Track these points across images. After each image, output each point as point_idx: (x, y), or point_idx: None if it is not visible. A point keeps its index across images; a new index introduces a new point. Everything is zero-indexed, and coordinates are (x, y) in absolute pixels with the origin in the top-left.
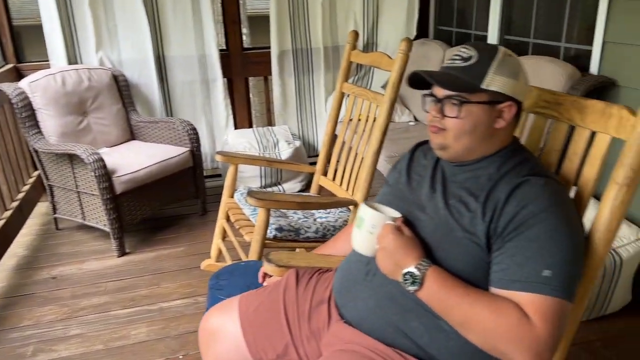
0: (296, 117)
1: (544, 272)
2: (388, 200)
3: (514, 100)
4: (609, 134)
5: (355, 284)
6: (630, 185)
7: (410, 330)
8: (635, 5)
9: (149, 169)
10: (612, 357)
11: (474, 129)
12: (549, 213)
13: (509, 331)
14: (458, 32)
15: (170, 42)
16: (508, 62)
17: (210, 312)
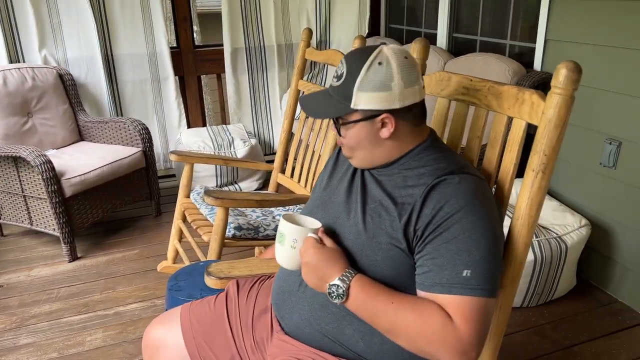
0: (251, 115)
1: (463, 272)
2: (314, 206)
3: (389, 112)
4: (524, 119)
5: (291, 295)
6: (544, 171)
7: (345, 338)
8: (573, 6)
9: (100, 170)
10: (561, 338)
11: (360, 144)
12: (464, 212)
13: (433, 334)
14: (409, 30)
15: (118, 40)
16: (375, 74)
17: (152, 324)
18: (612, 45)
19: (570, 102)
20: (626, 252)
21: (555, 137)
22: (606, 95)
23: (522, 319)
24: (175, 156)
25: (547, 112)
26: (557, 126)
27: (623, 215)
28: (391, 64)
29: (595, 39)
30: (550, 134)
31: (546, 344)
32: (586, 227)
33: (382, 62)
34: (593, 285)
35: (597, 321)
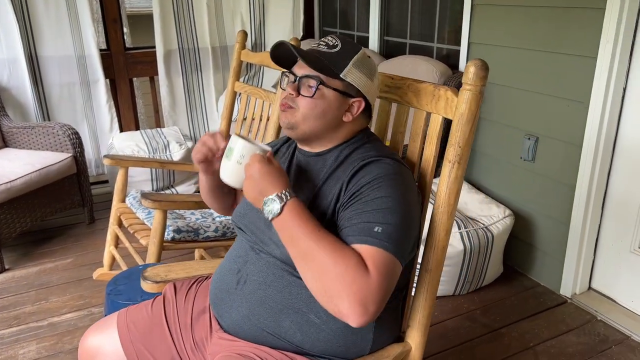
0: (186, 118)
1: (375, 227)
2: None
3: (364, 98)
4: (440, 114)
5: (229, 294)
6: (460, 162)
7: (283, 331)
8: (492, 12)
9: (27, 177)
10: (490, 322)
11: (323, 114)
12: (383, 181)
13: (343, 272)
14: (342, 33)
15: (44, 41)
16: (366, 62)
17: (87, 332)
18: (529, 48)
19: (480, 97)
20: (545, 239)
21: (467, 130)
22: (525, 94)
23: (454, 306)
24: (109, 160)
25: (460, 107)
26: (469, 120)
27: (542, 205)
28: (374, 63)
29: (513, 42)
30: (463, 127)
31: (477, 328)
32: (510, 217)
33: (369, 57)
34: (518, 271)
35: (522, 304)
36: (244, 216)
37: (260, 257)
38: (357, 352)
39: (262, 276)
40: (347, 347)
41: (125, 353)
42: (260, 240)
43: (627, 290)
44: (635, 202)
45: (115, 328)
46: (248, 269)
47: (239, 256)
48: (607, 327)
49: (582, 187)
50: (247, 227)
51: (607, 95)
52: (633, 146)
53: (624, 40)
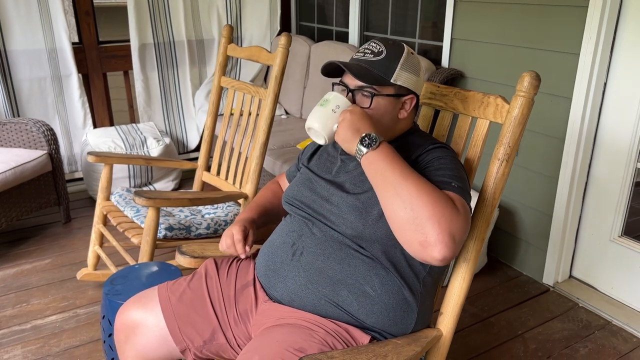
0: (162, 113)
1: (453, 182)
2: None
3: (414, 94)
4: (488, 119)
5: (283, 265)
6: (508, 160)
7: (340, 299)
8: (474, 8)
9: (2, 176)
10: (478, 311)
11: (381, 118)
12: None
13: (435, 201)
14: (320, 28)
15: (12, 35)
16: (411, 59)
17: (126, 305)
18: (512, 44)
19: (531, 103)
20: (528, 230)
21: (518, 132)
22: (508, 89)
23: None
24: (94, 157)
25: (513, 111)
26: (520, 123)
27: (525, 197)
28: (418, 57)
29: (496, 39)
30: (515, 129)
31: (466, 318)
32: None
33: (413, 53)
34: (502, 262)
35: (507, 293)
36: (298, 196)
37: (316, 231)
38: (402, 328)
39: (320, 248)
40: (395, 321)
41: (167, 325)
42: (319, 214)
43: (606, 278)
44: (614, 193)
45: (156, 301)
46: (304, 242)
47: (292, 231)
48: (589, 314)
49: (564, 179)
50: (302, 204)
51: (588, 90)
52: (612, 139)
53: (605, 38)
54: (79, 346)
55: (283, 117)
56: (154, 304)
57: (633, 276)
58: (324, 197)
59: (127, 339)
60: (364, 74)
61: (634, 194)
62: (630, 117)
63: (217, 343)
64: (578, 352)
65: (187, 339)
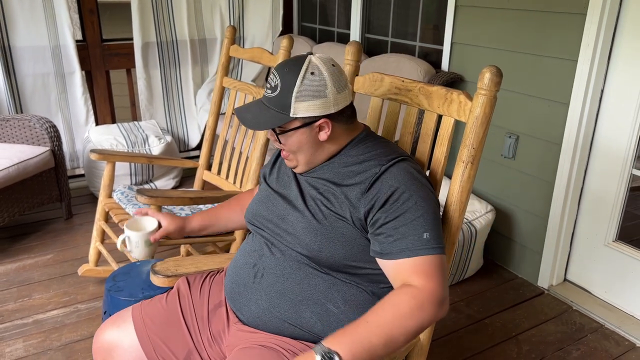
0: (164, 112)
1: (424, 235)
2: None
3: (325, 116)
4: (452, 116)
5: (246, 288)
6: (473, 162)
7: (304, 322)
8: (475, 13)
9: (5, 172)
10: (474, 312)
11: (301, 149)
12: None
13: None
14: (322, 29)
15: (16, 31)
16: (308, 82)
17: (103, 327)
18: (511, 49)
19: (494, 101)
20: (524, 233)
21: (481, 132)
22: (506, 94)
23: None
24: (96, 155)
25: (474, 110)
26: (483, 123)
27: (521, 201)
28: (322, 72)
29: (496, 44)
30: (477, 129)
31: (462, 319)
32: (491, 212)
33: (314, 72)
34: (497, 264)
35: (502, 295)
36: (257, 214)
37: (275, 251)
38: None
39: (279, 269)
40: None
41: (142, 347)
42: (276, 234)
43: (600, 282)
44: (609, 198)
45: (130, 322)
46: (264, 263)
47: (253, 250)
48: (583, 317)
49: (560, 184)
50: (261, 224)
51: (586, 96)
52: (608, 145)
53: (603, 45)
54: (80, 341)
55: None
56: (128, 325)
57: (626, 280)
58: (280, 216)
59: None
60: (258, 122)
61: (628, 199)
62: (626, 123)
63: None
64: (570, 355)
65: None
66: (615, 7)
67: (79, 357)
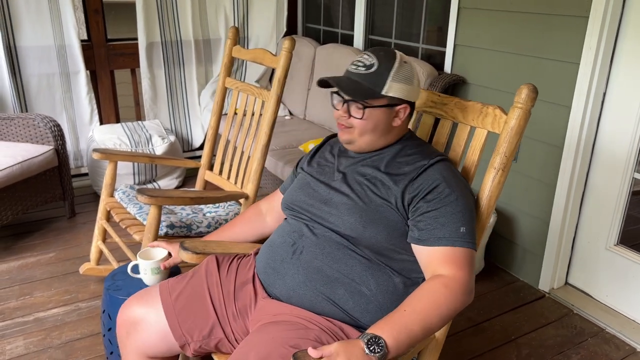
0: (168, 111)
1: (460, 229)
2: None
3: (407, 102)
4: (486, 129)
5: (283, 263)
6: (504, 169)
7: (337, 297)
8: (478, 15)
9: (8, 170)
10: (474, 315)
11: (375, 128)
12: (451, 184)
13: (445, 297)
14: (325, 30)
15: (22, 31)
16: (404, 69)
17: (128, 302)
18: (514, 52)
19: (528, 115)
20: (526, 236)
21: (515, 142)
22: (509, 96)
23: None
24: (99, 154)
25: (510, 122)
26: (517, 133)
27: (522, 203)
28: (412, 64)
29: (498, 46)
30: (511, 139)
31: (462, 322)
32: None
33: (406, 62)
34: (499, 267)
35: (503, 298)
36: (296, 200)
37: (316, 232)
38: None
39: (319, 247)
40: None
41: (168, 321)
42: (318, 216)
43: (602, 286)
44: (611, 201)
45: (157, 299)
46: (304, 242)
47: (293, 231)
48: (583, 321)
49: (562, 187)
50: (301, 209)
51: (588, 99)
52: (610, 148)
53: (606, 48)
54: (80, 339)
55: (287, 118)
56: (155, 301)
57: (628, 285)
58: (322, 200)
59: (129, 335)
60: (353, 90)
61: (630, 202)
62: (628, 126)
63: (216, 337)
64: (570, 359)
65: (186, 334)
66: (618, 11)
67: (79, 356)
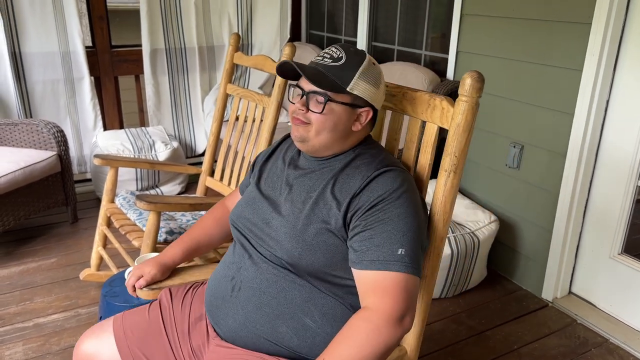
0: (171, 118)
1: (398, 250)
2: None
3: (371, 107)
4: (436, 123)
5: (224, 301)
6: (455, 171)
7: (279, 337)
8: (481, 22)
9: (11, 176)
10: (475, 324)
11: (334, 127)
12: (399, 199)
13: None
14: (329, 36)
15: (28, 37)
16: (372, 70)
17: (82, 338)
18: (516, 58)
19: (476, 108)
20: (529, 245)
21: (463, 140)
22: (511, 103)
23: (440, 308)
24: (100, 160)
25: (456, 117)
26: (465, 130)
27: (525, 211)
28: (380, 68)
29: (501, 53)
30: (460, 137)
31: (463, 331)
32: (495, 223)
33: (375, 64)
34: (501, 275)
35: (505, 307)
36: (242, 217)
37: (255, 262)
38: None
39: (256, 282)
40: None
41: (121, 357)
42: (260, 238)
43: (605, 295)
44: (615, 210)
45: (111, 333)
46: (242, 276)
47: (232, 262)
48: (587, 331)
49: (565, 195)
50: (245, 227)
51: (591, 106)
52: (614, 157)
53: (609, 55)
54: None
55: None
56: (108, 335)
57: (632, 294)
58: (264, 220)
59: None
60: (318, 79)
61: (634, 211)
62: (632, 134)
63: None
64: None
65: None
66: (621, 17)
67: None
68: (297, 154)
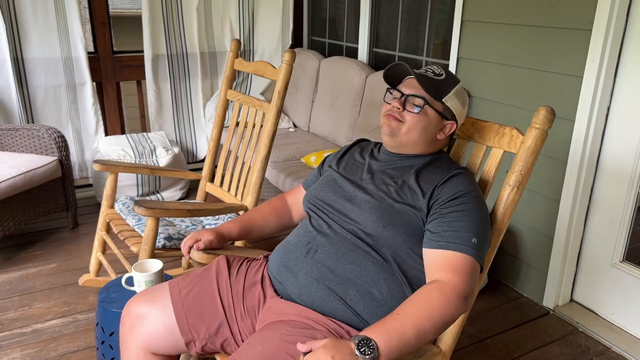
0: (173, 123)
1: (472, 239)
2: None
3: (456, 122)
4: (502, 148)
5: (297, 262)
6: (519, 187)
7: (348, 297)
8: (481, 28)
9: (11, 181)
10: (476, 332)
11: (424, 129)
12: (473, 196)
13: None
14: (330, 43)
15: (30, 43)
16: (462, 93)
17: (135, 298)
18: (517, 65)
19: (545, 135)
20: (529, 251)
21: (530, 161)
22: (512, 109)
23: None
24: (99, 165)
25: (527, 141)
26: (533, 153)
27: (526, 218)
28: (467, 94)
29: (502, 59)
30: (528, 158)
31: (463, 339)
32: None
33: (464, 89)
34: (502, 283)
35: (506, 315)
36: (319, 196)
37: (333, 231)
38: None
39: (334, 247)
40: None
41: (175, 316)
42: (340, 212)
43: (607, 303)
44: (616, 217)
45: (165, 294)
46: (319, 241)
47: (308, 231)
48: (589, 339)
49: (566, 202)
50: (325, 203)
51: (592, 113)
52: (615, 163)
53: (609, 61)
54: (76, 351)
55: (291, 130)
56: (163, 296)
57: (634, 302)
58: (346, 196)
59: (133, 328)
60: (424, 84)
61: (636, 218)
62: (633, 141)
63: (222, 336)
64: None
65: (193, 330)
66: (622, 23)
67: None
68: (378, 151)
